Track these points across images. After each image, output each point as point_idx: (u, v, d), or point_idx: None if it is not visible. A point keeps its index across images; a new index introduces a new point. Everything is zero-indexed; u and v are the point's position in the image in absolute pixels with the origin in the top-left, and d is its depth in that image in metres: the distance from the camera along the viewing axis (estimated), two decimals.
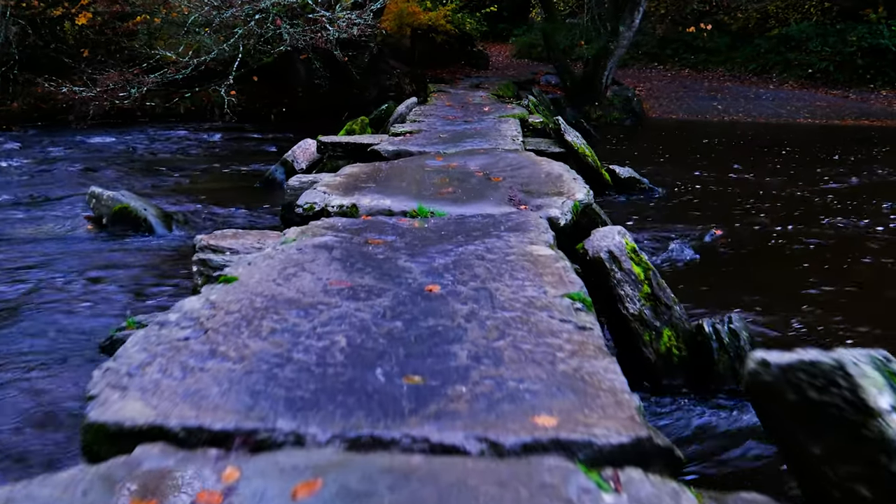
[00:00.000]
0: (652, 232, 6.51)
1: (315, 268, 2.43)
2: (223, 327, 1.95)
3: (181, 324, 1.98)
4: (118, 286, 4.88)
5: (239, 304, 2.11)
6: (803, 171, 9.56)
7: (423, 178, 5.08)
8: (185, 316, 2.04)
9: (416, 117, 8.65)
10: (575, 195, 4.42)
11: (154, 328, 1.94)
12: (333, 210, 4.28)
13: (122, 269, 5.23)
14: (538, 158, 5.57)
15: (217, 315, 2.04)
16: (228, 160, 10.27)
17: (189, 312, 2.08)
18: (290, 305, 2.12)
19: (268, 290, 2.22)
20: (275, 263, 2.51)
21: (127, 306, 4.45)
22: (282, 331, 1.93)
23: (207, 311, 2.08)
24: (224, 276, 2.41)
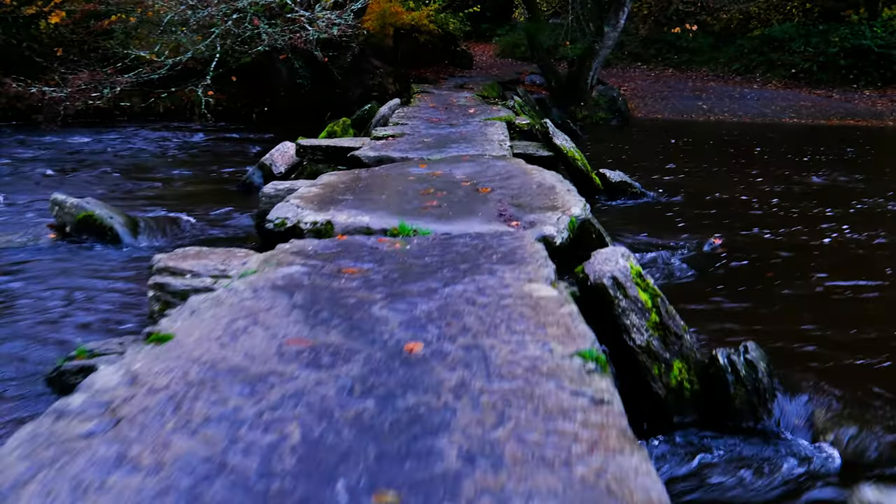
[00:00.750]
0: (647, 240, 6.09)
1: (271, 319, 1.97)
2: (141, 415, 1.47)
3: (86, 411, 1.49)
4: (74, 305, 4.40)
5: (168, 378, 1.64)
6: (796, 173, 9.19)
7: (405, 188, 4.63)
8: (94, 399, 1.56)
9: (399, 120, 8.19)
10: (570, 209, 3.99)
11: (48, 420, 1.46)
12: (306, 227, 3.82)
13: (81, 284, 4.73)
14: (528, 167, 5.13)
15: (137, 396, 1.56)
16: (206, 162, 9.76)
17: (100, 392, 1.59)
18: (234, 377, 1.64)
19: (209, 353, 1.74)
20: (223, 313, 2.03)
21: (81, 330, 3.97)
22: (218, 419, 1.47)
23: (125, 389, 1.60)
24: (156, 333, 1.93)
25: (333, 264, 2.85)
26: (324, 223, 3.79)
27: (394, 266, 2.83)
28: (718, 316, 4.34)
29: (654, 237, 6.19)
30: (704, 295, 4.74)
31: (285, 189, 5.80)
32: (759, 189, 8.22)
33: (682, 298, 4.60)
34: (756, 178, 8.88)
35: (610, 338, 3.29)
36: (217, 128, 13.03)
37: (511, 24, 22.88)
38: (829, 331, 4.14)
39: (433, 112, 8.92)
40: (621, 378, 3.31)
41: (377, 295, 2.27)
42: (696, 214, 7.03)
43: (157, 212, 6.72)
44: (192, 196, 7.49)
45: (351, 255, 3.02)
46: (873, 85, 17.15)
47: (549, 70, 14.44)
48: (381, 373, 1.67)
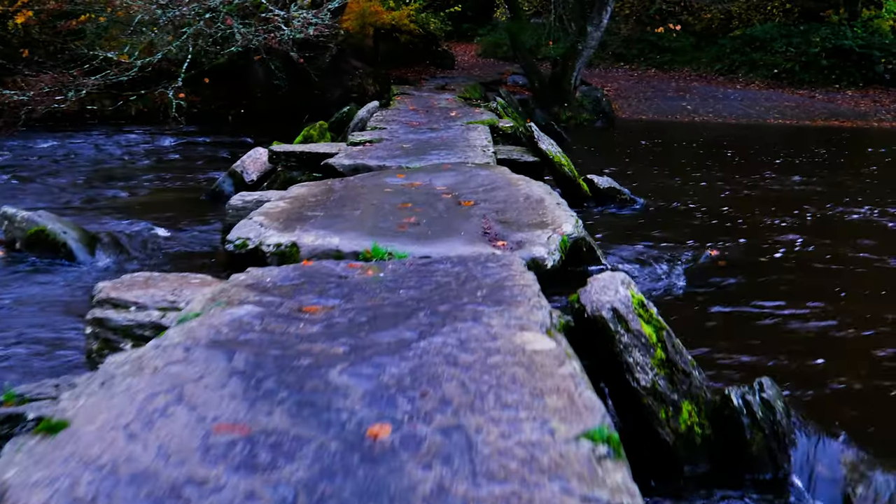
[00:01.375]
0: (638, 250, 5.70)
1: (201, 392, 1.54)
2: None
3: None
4: (13, 334, 3.93)
5: (47, 495, 1.22)
6: (787, 176, 8.86)
7: (381, 202, 4.20)
8: None
9: (377, 123, 7.76)
10: (562, 227, 3.58)
11: None
12: (269, 250, 3.39)
13: (24, 310, 4.26)
14: (514, 177, 4.72)
15: None
16: (176, 168, 9.28)
17: None
18: (139, 490, 1.21)
19: (111, 450, 1.30)
20: (141, 385, 1.59)
21: (15, 367, 3.50)
22: None
23: None
24: (46, 420, 1.47)
25: (293, 301, 2.42)
26: (288, 245, 3.36)
27: (363, 303, 2.41)
28: (721, 339, 3.96)
29: (647, 248, 5.81)
30: (704, 314, 4.36)
31: (254, 201, 5.36)
32: (752, 194, 7.87)
33: (680, 318, 4.22)
34: (747, 182, 8.54)
35: (609, 375, 2.89)
36: (191, 131, 12.53)
37: (493, 23, 22.50)
38: (844, 356, 3.77)
39: (413, 115, 8.50)
40: (623, 421, 2.92)
41: (339, 348, 1.85)
42: (689, 222, 6.66)
43: (120, 224, 6.25)
44: (158, 206, 7.01)
45: (315, 288, 2.59)
46: (855, 85, 16.92)
47: (531, 70, 14.06)
48: (335, 475, 1.25)
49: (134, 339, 2.97)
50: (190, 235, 5.81)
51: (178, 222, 6.32)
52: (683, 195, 7.76)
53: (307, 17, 8.75)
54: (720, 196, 7.73)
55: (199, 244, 5.55)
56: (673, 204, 7.31)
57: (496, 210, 3.95)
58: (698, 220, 6.71)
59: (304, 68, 10.93)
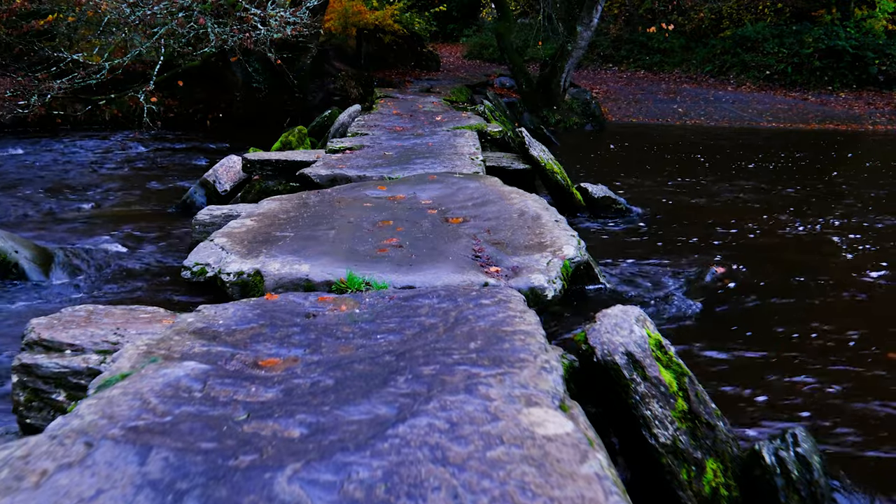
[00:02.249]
0: (637, 267, 5.34)
1: None
2: None
3: None
4: None
5: None
6: (786, 183, 8.54)
7: (360, 219, 3.80)
8: None
9: (358, 129, 7.35)
10: (563, 249, 3.20)
11: None
12: (229, 279, 2.98)
13: None
14: (506, 189, 4.33)
15: None
16: (148, 176, 8.82)
17: None
18: None
19: None
20: None
21: None
22: None
23: None
24: None
25: (247, 352, 2.02)
26: (251, 274, 2.96)
27: (333, 353, 2.01)
28: (739, 374, 3.58)
29: (647, 263, 5.44)
30: (717, 343, 3.98)
31: (222, 215, 4.96)
32: (752, 202, 7.53)
33: (690, 349, 3.86)
34: (746, 189, 8.20)
35: (621, 427, 2.51)
36: (167, 136, 12.08)
37: (479, 24, 22.16)
38: (886, 395, 3.40)
39: (397, 120, 8.10)
40: (635, 477, 2.54)
41: (294, 430, 1.44)
42: (689, 233, 6.29)
43: (80, 239, 5.81)
44: (123, 219, 6.57)
45: (276, 332, 2.19)
46: (848, 87, 16.69)
47: (519, 72, 13.69)
48: None
49: (68, 390, 2.55)
50: (154, 252, 5.38)
51: (144, 237, 5.90)
52: (681, 204, 7.41)
53: (284, 15, 8.33)
54: (720, 204, 7.39)
55: (163, 262, 5.12)
56: (671, 213, 6.96)
57: (488, 229, 3.56)
58: (699, 232, 6.35)
59: (283, 70, 10.48)
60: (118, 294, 4.40)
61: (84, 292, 4.50)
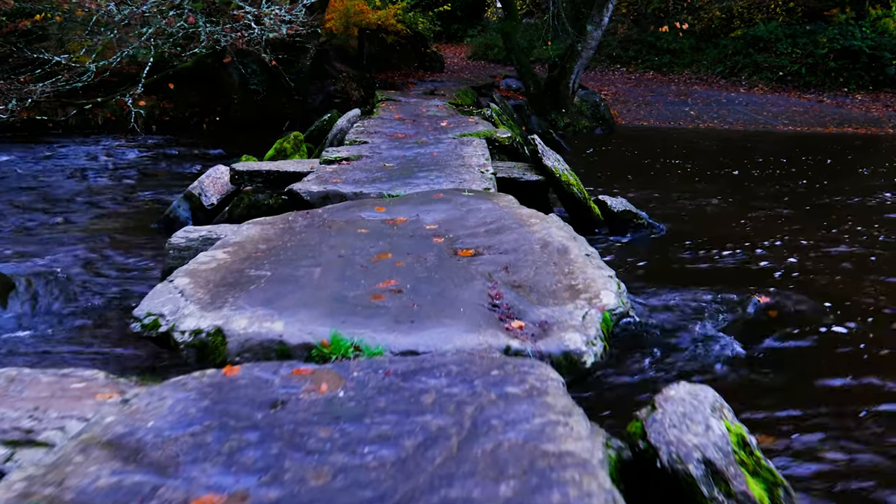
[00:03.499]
0: (667, 294, 4.69)
1: None
2: None
3: None
4: None
5: None
6: (817, 193, 7.87)
7: (352, 251, 3.16)
8: None
9: (357, 136, 6.71)
10: (600, 297, 2.55)
11: None
12: (184, 339, 2.34)
13: None
14: (524, 212, 3.69)
15: None
16: (135, 185, 8.21)
17: None
18: None
19: None
20: None
21: None
22: None
23: None
24: None
25: (175, 486, 1.39)
26: (211, 333, 2.32)
27: (297, 487, 1.38)
28: (808, 443, 2.94)
29: (677, 290, 4.79)
30: (773, 399, 3.33)
31: (200, 238, 4.33)
32: (784, 215, 6.87)
33: (744, 406, 3.22)
34: (775, 199, 7.55)
35: None
36: (160, 141, 11.48)
37: (483, 24, 21.50)
38: None
39: (399, 126, 7.45)
40: None
41: None
42: (721, 253, 5.64)
43: (48, 262, 5.18)
44: (100, 237, 5.93)
45: (223, 445, 1.55)
46: (864, 88, 16.00)
47: (527, 74, 13.04)
48: None
49: None
50: (125, 279, 4.75)
51: (117, 260, 5.26)
52: (706, 217, 6.76)
53: (279, 13, 7.69)
54: (749, 218, 6.73)
55: (132, 293, 4.48)
56: (697, 229, 6.30)
57: (505, 265, 2.92)
58: (730, 250, 5.70)
59: (279, 71, 9.85)
60: (72, 338, 3.76)
61: (36, 333, 3.88)
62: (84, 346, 3.50)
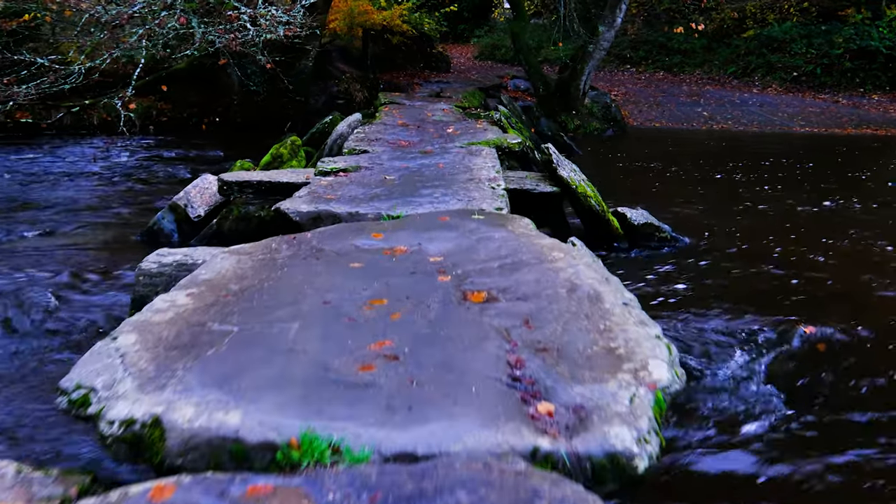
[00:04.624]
0: (697, 323, 4.12)
1: None
2: None
3: None
4: None
5: None
6: (847, 199, 7.26)
7: (340, 296, 2.60)
8: None
9: (356, 143, 6.13)
10: (648, 368, 1.98)
11: None
12: (112, 432, 1.78)
13: None
14: (544, 244, 3.11)
15: None
16: (125, 192, 7.67)
17: None
18: None
19: None
20: None
21: None
22: None
23: None
24: None
25: None
26: (147, 423, 1.76)
27: None
28: None
29: (708, 317, 4.22)
30: (828, 467, 2.76)
31: (174, 264, 3.79)
32: (816, 226, 6.28)
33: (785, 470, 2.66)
34: (803, 208, 6.95)
35: None
36: (156, 143, 10.96)
37: (490, 24, 20.90)
38: None
39: (402, 132, 6.88)
40: None
41: None
42: (752, 271, 5.06)
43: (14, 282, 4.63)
44: (77, 251, 5.39)
45: None
46: (881, 89, 15.36)
47: (536, 74, 12.45)
48: None
49: None
50: (92, 307, 4.18)
51: (90, 281, 4.70)
52: (733, 228, 6.16)
53: (276, 14, 7.12)
54: (780, 229, 6.14)
55: (94, 325, 3.91)
56: (724, 243, 5.72)
57: (526, 317, 2.35)
58: (764, 268, 5.11)
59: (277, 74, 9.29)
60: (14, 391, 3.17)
61: None
62: (10, 415, 2.88)
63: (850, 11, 16.57)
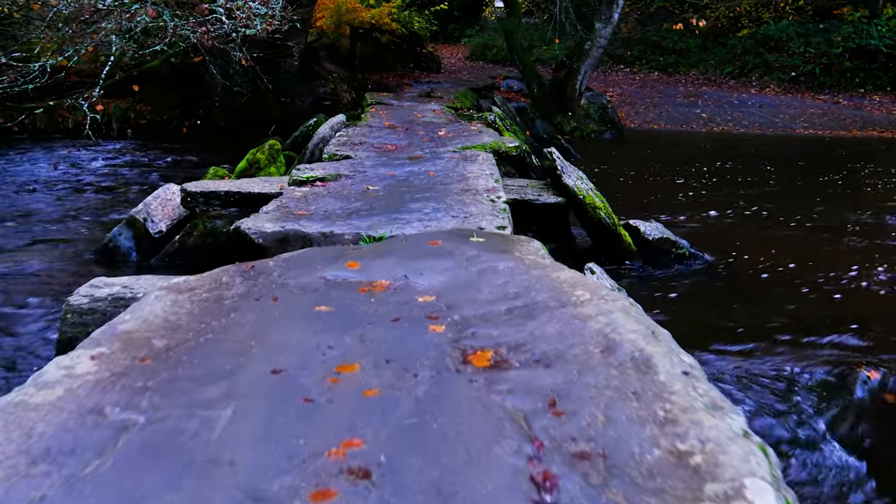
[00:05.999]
0: (737, 363, 3.45)
1: None
2: None
3: None
4: None
5: None
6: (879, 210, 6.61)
7: (297, 361, 1.90)
8: None
9: (338, 149, 5.43)
10: (745, 496, 1.29)
11: None
12: None
13: None
14: (563, 278, 2.43)
15: None
16: (88, 200, 6.95)
17: None
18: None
19: None
20: None
21: None
22: None
23: None
24: None
25: None
26: None
27: None
28: None
29: (748, 355, 3.55)
30: None
31: (109, 298, 3.09)
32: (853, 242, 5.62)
33: None
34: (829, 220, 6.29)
35: None
36: (133, 147, 10.24)
37: (481, 24, 20.20)
38: None
39: (389, 135, 6.18)
40: None
41: None
42: (788, 295, 4.39)
43: None
44: (22, 272, 4.68)
45: None
46: (882, 90, 14.76)
47: (530, 74, 11.77)
48: None
49: None
50: (19, 346, 3.47)
51: (42, 299, 4.00)
52: (759, 244, 5.49)
53: (252, 5, 6.41)
54: (813, 244, 5.48)
55: (26, 365, 3.22)
56: (751, 260, 5.05)
57: (550, 395, 1.66)
58: (803, 291, 4.44)
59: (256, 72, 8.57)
60: None
61: None
62: None
63: (846, 10, 15.98)
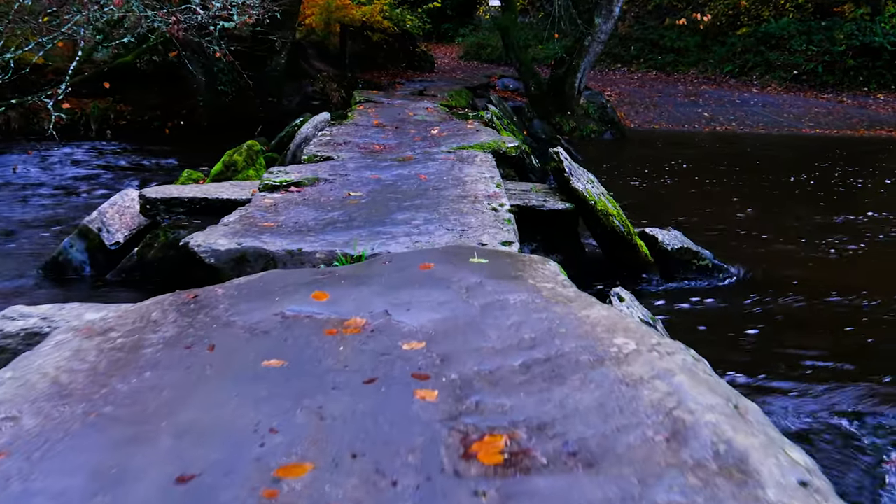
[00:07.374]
0: (786, 404, 2.85)
1: None
2: None
3: None
4: None
5: None
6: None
7: (220, 455, 1.28)
8: None
9: (319, 149, 4.80)
10: None
11: None
12: None
13: None
14: (592, 316, 1.80)
15: None
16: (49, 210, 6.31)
17: None
18: None
19: None
20: None
21: None
22: None
23: None
24: None
25: None
26: None
27: None
28: None
29: (796, 395, 2.94)
30: None
31: (21, 334, 2.47)
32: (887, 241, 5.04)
33: None
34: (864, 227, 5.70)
35: None
36: (111, 149, 9.58)
37: (475, 22, 19.59)
38: None
39: (377, 134, 5.56)
40: None
41: None
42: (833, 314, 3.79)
43: None
44: None
45: None
46: (886, 88, 14.21)
47: (527, 72, 11.17)
48: None
49: None
50: None
51: None
52: (790, 255, 4.88)
53: None
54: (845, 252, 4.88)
55: None
56: (783, 273, 4.45)
57: None
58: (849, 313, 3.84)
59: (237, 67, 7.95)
60: None
61: None
62: None
63: (847, 7, 15.42)
